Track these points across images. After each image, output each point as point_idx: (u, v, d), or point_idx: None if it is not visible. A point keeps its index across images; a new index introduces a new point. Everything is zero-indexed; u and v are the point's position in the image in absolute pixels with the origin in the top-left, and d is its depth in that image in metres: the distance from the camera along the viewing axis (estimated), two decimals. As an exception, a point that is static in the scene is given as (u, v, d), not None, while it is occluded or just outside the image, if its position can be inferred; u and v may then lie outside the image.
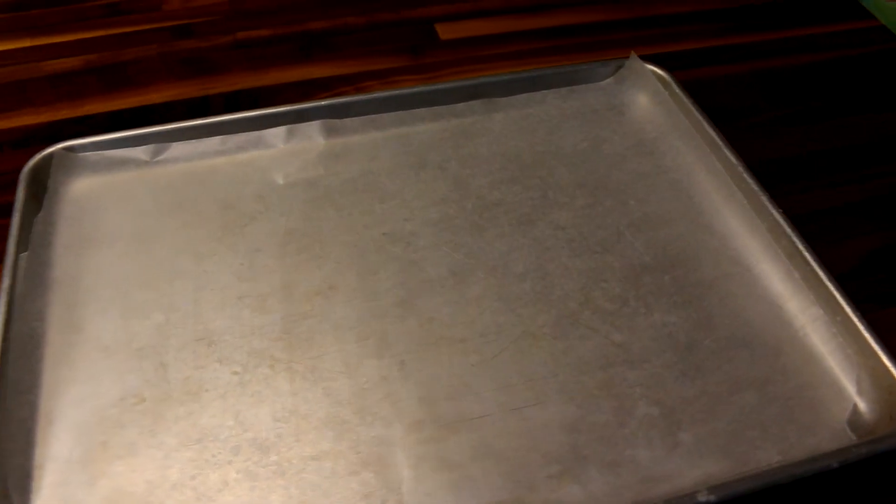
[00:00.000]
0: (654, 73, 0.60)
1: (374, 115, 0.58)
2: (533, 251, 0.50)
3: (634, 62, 0.60)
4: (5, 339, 0.44)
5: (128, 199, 0.53)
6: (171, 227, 0.52)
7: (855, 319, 0.44)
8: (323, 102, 0.57)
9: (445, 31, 0.68)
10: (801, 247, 0.48)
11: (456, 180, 0.54)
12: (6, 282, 0.46)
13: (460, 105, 0.59)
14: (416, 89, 0.59)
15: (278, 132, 0.57)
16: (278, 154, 0.56)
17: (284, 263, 0.49)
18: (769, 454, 0.41)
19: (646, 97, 0.60)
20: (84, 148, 0.55)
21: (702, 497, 0.37)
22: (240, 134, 0.56)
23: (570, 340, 0.46)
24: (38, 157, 0.54)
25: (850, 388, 0.44)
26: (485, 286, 0.48)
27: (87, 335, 0.46)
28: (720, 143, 0.54)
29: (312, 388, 0.43)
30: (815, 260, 0.47)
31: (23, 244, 0.49)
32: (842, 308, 0.45)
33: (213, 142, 0.56)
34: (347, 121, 0.57)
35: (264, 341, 0.45)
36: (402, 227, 0.51)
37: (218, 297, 0.48)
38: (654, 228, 0.52)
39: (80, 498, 0.39)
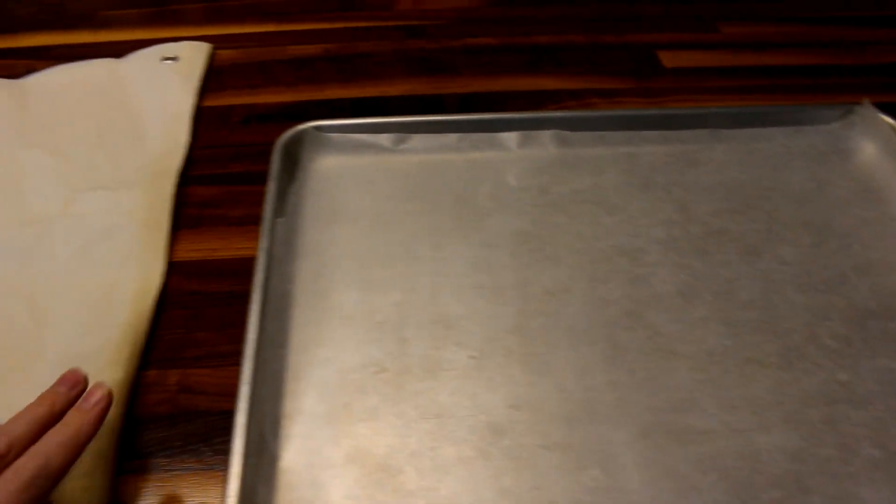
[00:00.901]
0: (885, 121, 0.60)
1: (603, 132, 0.60)
2: (758, 282, 0.51)
3: (866, 108, 0.60)
4: (265, 295, 0.47)
5: (369, 182, 0.57)
6: (409, 212, 0.55)
7: None
8: (557, 114, 0.60)
9: (668, 59, 0.70)
10: None
11: (680, 204, 0.56)
12: (265, 243, 0.50)
13: (686, 132, 0.60)
14: (644, 112, 0.61)
15: (512, 136, 0.59)
16: (511, 157, 0.59)
17: (518, 261, 0.51)
18: None
19: (874, 145, 0.60)
20: (331, 129, 0.59)
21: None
22: (475, 133, 0.59)
23: (794, 372, 0.46)
24: (291, 132, 0.58)
25: None
26: (711, 309, 0.49)
27: (332, 303, 0.49)
28: (953, 199, 0.54)
29: (545, 381, 0.45)
30: None
31: (278, 211, 0.53)
32: None
33: (451, 138, 0.59)
34: (578, 134, 0.59)
35: (499, 331, 0.48)
36: (630, 242, 0.53)
37: (454, 283, 0.50)
38: (879, 274, 0.52)
39: (326, 451, 0.43)
